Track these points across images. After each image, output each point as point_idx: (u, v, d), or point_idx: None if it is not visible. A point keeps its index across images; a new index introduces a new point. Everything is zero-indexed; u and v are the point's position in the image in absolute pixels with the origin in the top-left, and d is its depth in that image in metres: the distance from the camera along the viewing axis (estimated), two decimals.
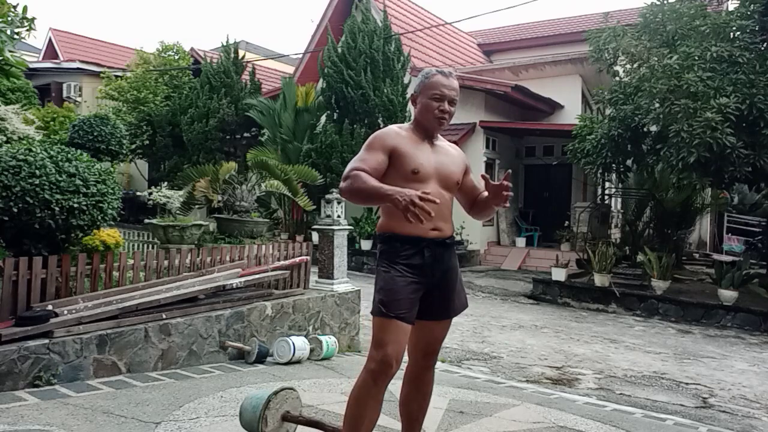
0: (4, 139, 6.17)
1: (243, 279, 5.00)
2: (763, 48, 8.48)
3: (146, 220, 7.26)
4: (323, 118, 13.41)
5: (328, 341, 5.01)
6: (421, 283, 2.37)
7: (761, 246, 12.36)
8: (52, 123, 10.70)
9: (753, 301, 8.69)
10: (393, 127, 2.53)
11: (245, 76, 15.68)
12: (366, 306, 4.83)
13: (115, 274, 4.38)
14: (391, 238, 2.41)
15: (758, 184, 10.20)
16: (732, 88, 7.83)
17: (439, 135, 2.55)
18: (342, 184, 2.30)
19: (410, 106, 2.57)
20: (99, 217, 4.34)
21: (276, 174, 7.79)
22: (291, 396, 2.97)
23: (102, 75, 16.89)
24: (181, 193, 7.52)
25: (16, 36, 5.04)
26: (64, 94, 17.85)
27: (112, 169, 5.10)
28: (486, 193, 2.50)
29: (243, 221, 7.32)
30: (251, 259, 5.46)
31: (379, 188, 2.17)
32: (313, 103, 13.38)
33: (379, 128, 2.63)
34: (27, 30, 5.11)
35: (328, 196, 6.02)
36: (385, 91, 12.35)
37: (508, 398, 4.13)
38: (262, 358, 4.66)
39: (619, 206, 15.34)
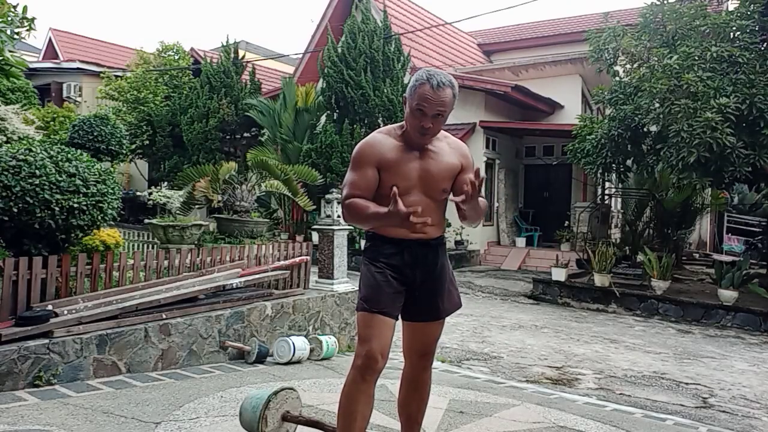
0: (4, 139, 6.17)
1: (243, 279, 5.00)
2: (763, 48, 8.48)
3: (146, 220, 7.27)
4: (323, 118, 13.41)
5: (328, 341, 5.01)
6: (403, 282, 2.38)
7: (761, 246, 12.37)
8: (52, 123, 10.69)
9: (753, 301, 8.69)
10: (377, 135, 2.43)
11: (245, 76, 15.68)
12: None
13: (115, 274, 4.38)
14: (374, 237, 2.45)
15: (758, 184, 10.22)
16: (732, 88, 7.83)
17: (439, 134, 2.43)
18: (343, 214, 2.36)
19: None
20: (99, 217, 4.34)
21: (276, 174, 7.79)
22: (291, 396, 2.97)
23: (102, 75, 16.89)
24: (181, 193, 7.53)
25: (16, 36, 5.04)
26: (64, 94, 17.84)
27: (112, 169, 5.11)
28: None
29: (243, 221, 7.32)
30: (251, 259, 5.46)
31: (375, 213, 2.20)
32: (313, 103, 13.38)
33: (379, 128, 2.59)
34: (27, 30, 5.11)
35: (328, 196, 6.02)
36: (385, 91, 12.35)
37: (508, 398, 4.13)
38: (262, 358, 4.66)
39: (619, 206, 15.34)
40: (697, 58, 8.22)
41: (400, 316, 2.49)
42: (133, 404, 3.37)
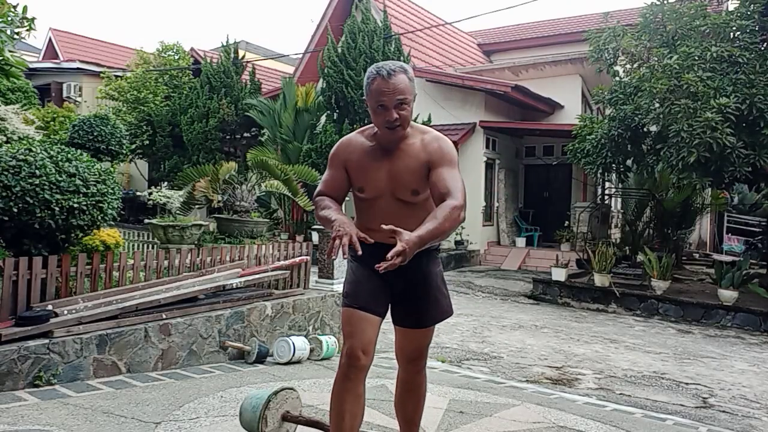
0: (4, 139, 6.17)
1: (243, 279, 5.00)
2: (763, 48, 8.48)
3: (146, 220, 7.27)
4: (323, 118, 13.41)
5: (328, 341, 5.01)
6: (384, 282, 2.35)
7: (761, 246, 12.38)
8: (52, 123, 10.68)
9: (753, 301, 8.69)
10: (351, 136, 2.40)
11: (245, 76, 15.68)
12: None
13: (115, 274, 4.38)
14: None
15: (758, 184, 10.22)
16: (732, 88, 7.83)
17: (414, 132, 2.30)
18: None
19: None
20: (99, 217, 4.34)
21: (276, 174, 7.79)
22: (291, 396, 2.97)
23: (102, 75, 16.88)
24: (181, 193, 7.53)
25: (16, 36, 5.04)
26: (64, 94, 17.83)
27: (112, 169, 5.10)
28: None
29: (243, 221, 7.33)
30: (251, 259, 5.45)
31: (327, 218, 2.22)
32: (313, 103, 13.38)
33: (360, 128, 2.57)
34: (27, 30, 5.10)
35: None
36: None
37: (508, 398, 4.13)
38: (262, 358, 4.66)
39: (619, 206, 15.34)
40: (697, 58, 8.21)
41: (391, 320, 2.49)
42: (133, 404, 3.37)
